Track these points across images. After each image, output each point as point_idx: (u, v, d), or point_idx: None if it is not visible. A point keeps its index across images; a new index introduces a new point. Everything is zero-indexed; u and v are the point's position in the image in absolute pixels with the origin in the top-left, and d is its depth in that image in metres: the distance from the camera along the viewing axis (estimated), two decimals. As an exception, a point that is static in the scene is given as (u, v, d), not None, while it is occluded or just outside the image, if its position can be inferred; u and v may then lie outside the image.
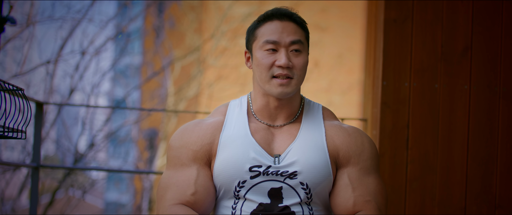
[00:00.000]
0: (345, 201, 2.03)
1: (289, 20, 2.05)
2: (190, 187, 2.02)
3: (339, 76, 11.16)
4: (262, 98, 2.09)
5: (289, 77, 2.02)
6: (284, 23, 2.04)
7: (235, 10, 10.77)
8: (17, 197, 8.57)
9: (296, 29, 2.05)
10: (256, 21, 2.08)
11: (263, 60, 2.03)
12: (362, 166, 2.05)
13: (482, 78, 3.04)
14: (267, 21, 2.06)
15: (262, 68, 2.03)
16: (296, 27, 2.06)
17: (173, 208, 2.00)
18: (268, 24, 2.05)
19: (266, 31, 2.04)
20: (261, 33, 2.05)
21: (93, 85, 9.01)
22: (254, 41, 2.07)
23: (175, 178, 2.04)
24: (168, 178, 2.05)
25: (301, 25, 2.07)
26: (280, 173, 2.01)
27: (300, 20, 2.07)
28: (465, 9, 3.06)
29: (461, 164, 3.02)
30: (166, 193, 2.03)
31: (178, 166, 2.05)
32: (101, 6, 15.83)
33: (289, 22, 2.05)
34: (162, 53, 11.32)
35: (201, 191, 2.02)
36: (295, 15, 2.07)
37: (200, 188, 2.02)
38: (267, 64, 2.02)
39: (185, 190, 2.01)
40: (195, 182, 2.02)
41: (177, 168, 2.05)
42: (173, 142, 2.09)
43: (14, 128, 2.29)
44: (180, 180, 2.03)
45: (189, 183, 2.02)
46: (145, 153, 11.80)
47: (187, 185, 2.02)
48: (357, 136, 2.08)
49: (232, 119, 2.10)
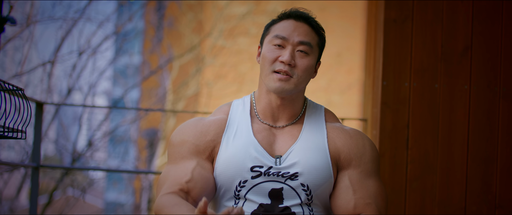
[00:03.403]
0: (345, 203, 2.02)
1: (304, 22, 2.06)
2: (186, 174, 1.99)
3: (339, 76, 11.15)
4: (266, 97, 2.08)
5: (288, 75, 2.02)
6: (298, 23, 2.06)
7: (232, 9, 10.77)
8: (15, 197, 8.56)
9: (309, 31, 2.06)
10: (275, 18, 2.10)
11: (268, 53, 2.04)
12: (363, 168, 2.05)
13: (482, 78, 3.04)
14: (283, 19, 2.08)
15: (265, 61, 2.04)
16: (309, 30, 2.06)
17: (163, 198, 1.96)
18: (283, 22, 2.07)
19: (279, 27, 2.06)
20: (274, 29, 2.07)
21: (91, 84, 9.01)
22: (266, 36, 2.08)
23: (173, 170, 2.02)
24: (167, 171, 2.03)
25: (316, 30, 2.07)
26: (281, 174, 2.01)
27: (316, 25, 2.08)
28: (465, 9, 3.06)
29: (461, 164, 3.02)
30: (163, 185, 2.00)
31: (178, 160, 2.03)
32: (98, 6, 15.78)
33: (304, 24, 2.06)
34: (160, 53, 11.31)
35: (198, 179, 1.98)
36: (312, 19, 2.08)
37: (197, 176, 1.99)
38: (271, 58, 2.03)
39: (181, 178, 1.98)
40: (192, 171, 1.99)
41: (177, 162, 2.03)
42: (174, 138, 2.07)
43: (14, 128, 2.29)
44: (178, 170, 2.01)
45: (186, 172, 1.99)
46: (144, 153, 11.80)
47: (184, 173, 1.99)
48: (359, 138, 2.08)
49: (235, 118, 2.09)
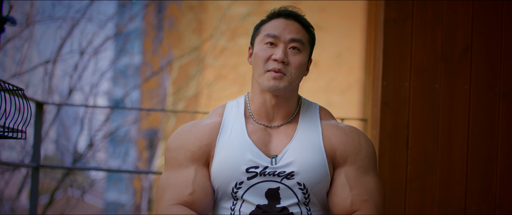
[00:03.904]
0: (342, 200, 2.03)
1: (294, 20, 2.08)
2: (188, 187, 2.01)
3: (339, 76, 11.16)
4: (260, 96, 2.09)
5: (282, 73, 2.02)
6: (288, 22, 2.07)
7: (234, 10, 10.77)
8: (16, 197, 8.57)
9: (300, 29, 2.07)
10: (264, 18, 2.11)
11: (260, 53, 2.04)
12: (359, 165, 2.05)
13: (482, 78, 3.04)
14: (273, 18, 2.09)
15: (258, 60, 2.04)
16: (300, 27, 2.07)
17: (171, 208, 2.00)
18: (273, 21, 2.08)
19: (270, 26, 2.07)
20: (265, 28, 2.08)
21: (92, 85, 9.01)
22: (257, 36, 2.09)
23: (173, 179, 2.04)
24: (166, 179, 2.05)
25: (306, 27, 2.09)
26: (277, 173, 2.01)
27: (305, 23, 2.09)
28: (465, 9, 3.06)
29: (461, 164, 3.02)
30: (164, 194, 2.03)
31: (176, 167, 2.05)
32: (100, 6, 15.79)
33: (294, 22, 2.08)
34: (161, 53, 11.31)
35: (199, 190, 2.02)
36: (301, 17, 2.09)
37: (198, 187, 2.02)
38: (264, 57, 2.04)
39: (183, 190, 2.01)
40: (193, 182, 2.02)
41: (175, 169, 2.05)
42: (171, 144, 2.09)
43: (14, 128, 2.29)
44: (178, 180, 2.03)
45: (187, 183, 2.02)
46: (145, 153, 11.80)
47: (185, 185, 2.02)
48: (354, 135, 2.08)
49: (229, 120, 2.10)
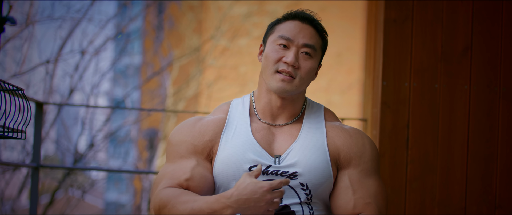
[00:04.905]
0: (345, 203, 2.02)
1: (309, 25, 2.06)
2: (185, 172, 1.98)
3: (339, 76, 11.16)
4: (266, 96, 2.07)
5: (291, 76, 2.02)
6: (303, 25, 2.05)
7: (234, 10, 10.76)
8: (16, 197, 8.57)
9: (314, 34, 2.06)
10: (279, 17, 2.09)
11: (271, 53, 2.03)
12: (363, 167, 2.04)
13: (482, 78, 3.04)
14: (289, 20, 2.07)
15: (269, 60, 2.03)
16: (314, 32, 2.06)
17: (163, 191, 1.95)
18: (289, 22, 2.06)
19: (284, 27, 2.05)
20: (279, 28, 2.06)
21: (93, 85, 9.01)
22: (270, 35, 2.07)
23: (171, 167, 2.01)
24: (165, 168, 2.02)
25: (320, 33, 2.07)
26: (280, 173, 2.00)
27: (320, 28, 2.08)
28: (465, 9, 3.06)
29: (461, 164, 3.02)
30: (161, 182, 1.99)
31: (177, 158, 2.02)
32: (101, 6, 15.80)
33: (309, 26, 2.06)
34: (161, 53, 11.31)
35: (197, 178, 1.98)
36: (317, 22, 2.07)
37: (196, 175, 1.98)
38: (275, 58, 2.02)
39: (180, 175, 1.97)
40: (192, 169, 1.99)
41: (175, 160, 2.02)
42: (173, 137, 2.06)
43: (14, 128, 2.29)
44: (177, 169, 1.99)
45: (185, 170, 1.98)
46: (145, 153, 11.80)
47: (183, 172, 1.98)
48: (358, 137, 2.07)
49: (234, 117, 2.08)
